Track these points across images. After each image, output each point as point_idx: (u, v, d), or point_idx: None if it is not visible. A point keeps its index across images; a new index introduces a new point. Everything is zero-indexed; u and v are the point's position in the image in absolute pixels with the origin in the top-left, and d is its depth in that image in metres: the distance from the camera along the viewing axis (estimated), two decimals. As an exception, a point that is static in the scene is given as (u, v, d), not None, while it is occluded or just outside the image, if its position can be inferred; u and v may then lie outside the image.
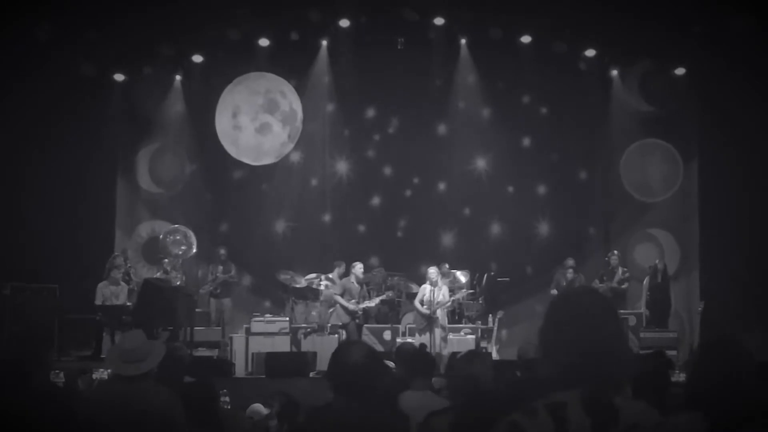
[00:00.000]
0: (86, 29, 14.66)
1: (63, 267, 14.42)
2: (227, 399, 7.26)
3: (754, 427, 3.11)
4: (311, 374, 12.26)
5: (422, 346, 7.76)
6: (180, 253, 15.22)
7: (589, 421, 2.33)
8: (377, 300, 14.52)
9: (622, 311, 14.68)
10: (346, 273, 14.62)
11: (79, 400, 4.71)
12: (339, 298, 14.01)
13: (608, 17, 14.99)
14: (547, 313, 2.52)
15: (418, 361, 5.74)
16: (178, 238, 15.35)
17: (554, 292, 15.02)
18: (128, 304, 13.62)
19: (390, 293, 14.87)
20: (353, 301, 13.96)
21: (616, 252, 15.62)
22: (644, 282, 15.33)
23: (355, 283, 14.13)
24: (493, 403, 3.56)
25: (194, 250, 15.48)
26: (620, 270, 15.31)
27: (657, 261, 15.35)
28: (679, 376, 8.07)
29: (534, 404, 2.38)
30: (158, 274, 14.78)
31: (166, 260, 14.89)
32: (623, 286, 15.25)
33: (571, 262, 15.27)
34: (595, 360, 2.37)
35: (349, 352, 3.65)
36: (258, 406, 7.52)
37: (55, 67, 14.54)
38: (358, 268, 14.26)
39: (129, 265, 14.91)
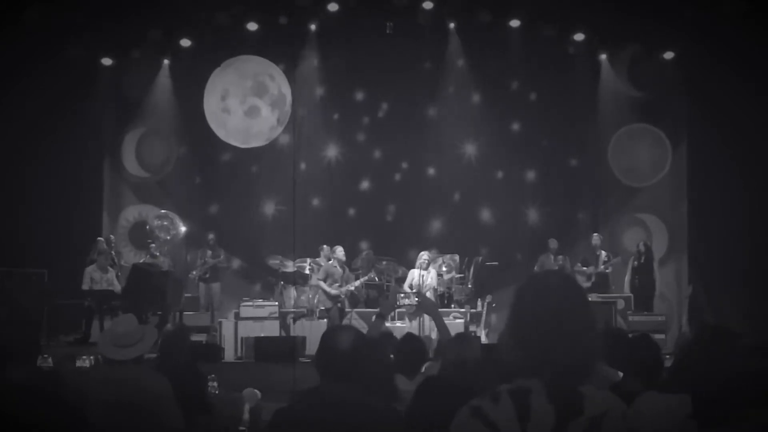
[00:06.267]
0: (74, 13, 14.55)
1: (51, 252, 14.35)
2: (216, 384, 7.24)
3: (742, 410, 3.13)
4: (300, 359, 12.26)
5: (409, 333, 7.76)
6: (168, 238, 15.19)
7: (553, 409, 2.26)
8: (357, 283, 14.44)
9: (607, 295, 14.75)
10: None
11: (69, 385, 4.68)
12: (321, 284, 13.92)
13: (597, 1, 14.97)
14: (515, 297, 2.42)
15: (408, 345, 5.75)
16: (165, 223, 15.32)
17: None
18: (111, 288, 13.60)
19: (372, 274, 14.81)
20: (336, 285, 13.90)
21: (596, 234, 15.60)
22: (629, 265, 15.34)
23: (337, 267, 14.04)
24: (451, 388, 3.55)
25: (181, 235, 15.44)
26: (603, 253, 15.32)
27: (640, 243, 15.36)
28: (667, 360, 8.09)
29: (497, 389, 2.31)
30: (145, 258, 14.74)
31: (153, 245, 14.86)
32: (607, 270, 15.29)
33: (554, 244, 15.31)
34: (560, 345, 2.28)
35: (338, 337, 3.65)
36: (252, 391, 7.53)
37: (43, 51, 14.44)
38: (339, 251, 14.15)
39: (113, 251, 14.87)
